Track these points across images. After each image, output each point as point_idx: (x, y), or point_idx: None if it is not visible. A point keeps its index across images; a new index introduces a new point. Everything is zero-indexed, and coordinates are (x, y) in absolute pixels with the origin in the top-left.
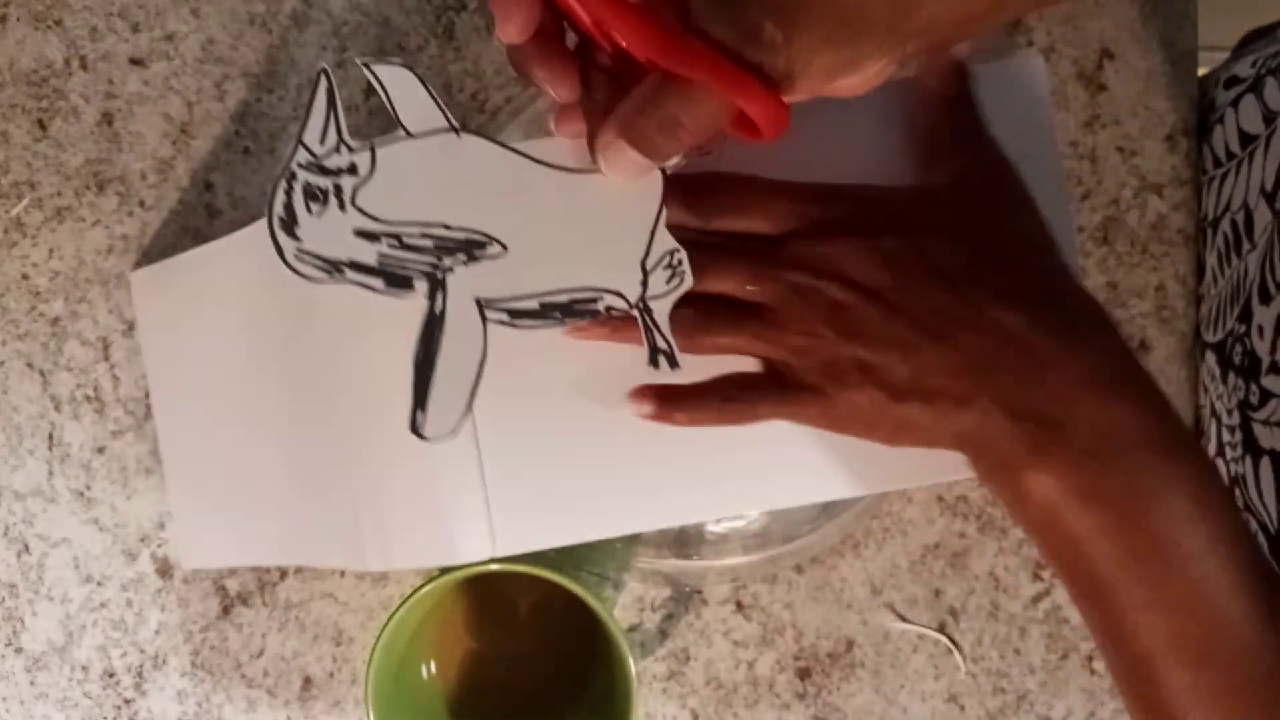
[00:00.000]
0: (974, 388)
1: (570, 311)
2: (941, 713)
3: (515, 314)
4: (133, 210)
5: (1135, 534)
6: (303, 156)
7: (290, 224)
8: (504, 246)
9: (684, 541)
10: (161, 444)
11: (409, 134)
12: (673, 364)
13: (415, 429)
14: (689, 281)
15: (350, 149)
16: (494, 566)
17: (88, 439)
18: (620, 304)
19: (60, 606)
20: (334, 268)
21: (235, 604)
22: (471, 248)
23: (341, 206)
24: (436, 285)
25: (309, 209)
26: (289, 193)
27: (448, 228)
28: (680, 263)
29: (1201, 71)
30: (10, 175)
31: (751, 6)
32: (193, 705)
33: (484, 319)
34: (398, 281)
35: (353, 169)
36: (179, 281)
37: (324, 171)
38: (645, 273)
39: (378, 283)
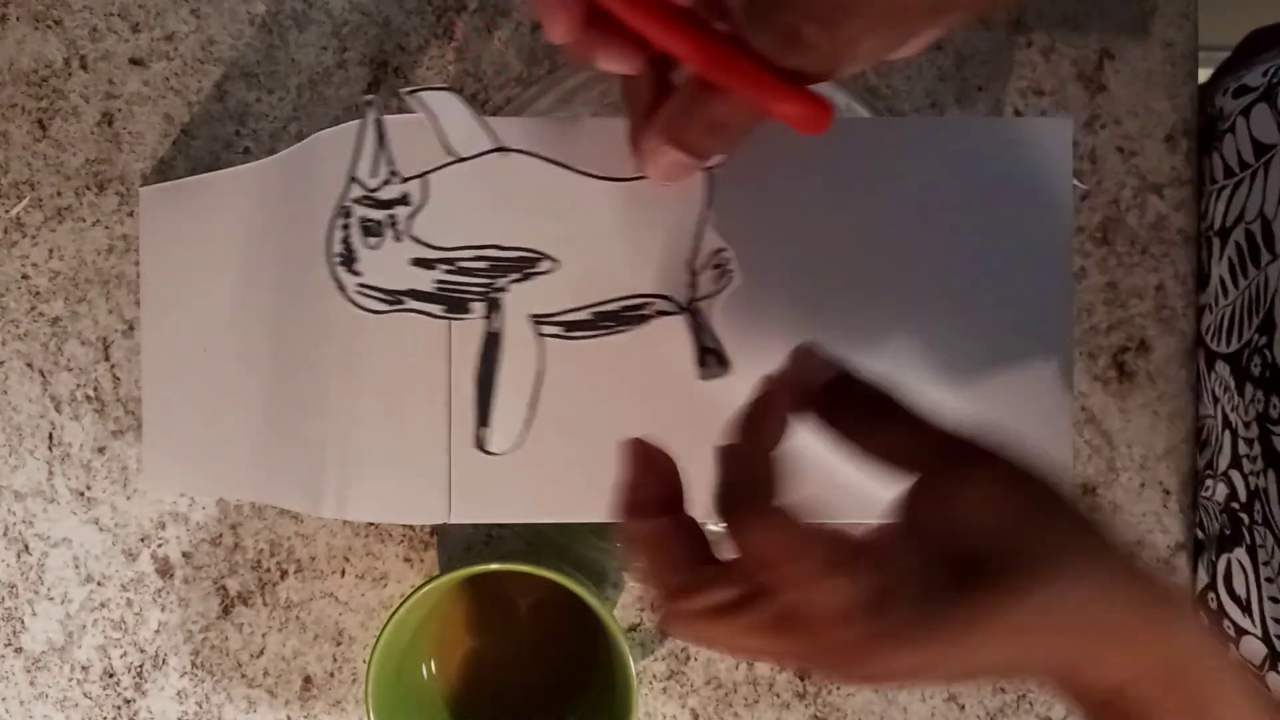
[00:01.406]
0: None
1: (622, 319)
2: (941, 712)
3: (570, 326)
4: (133, 210)
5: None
6: (356, 191)
7: (349, 260)
8: (556, 261)
9: None
10: (144, 363)
11: (458, 158)
12: (722, 363)
13: (480, 445)
14: (737, 280)
15: (402, 179)
16: (494, 566)
17: (88, 439)
18: (670, 308)
19: (60, 606)
20: (395, 298)
21: (235, 604)
22: (524, 265)
23: (397, 237)
24: (493, 305)
25: (366, 244)
26: (345, 229)
27: (500, 248)
28: (727, 260)
29: (1202, 72)
30: (10, 175)
31: (787, 10)
32: (193, 705)
33: (540, 334)
34: (455, 305)
35: (405, 199)
36: (187, 203)
37: (378, 205)
38: (693, 274)
39: (437, 309)
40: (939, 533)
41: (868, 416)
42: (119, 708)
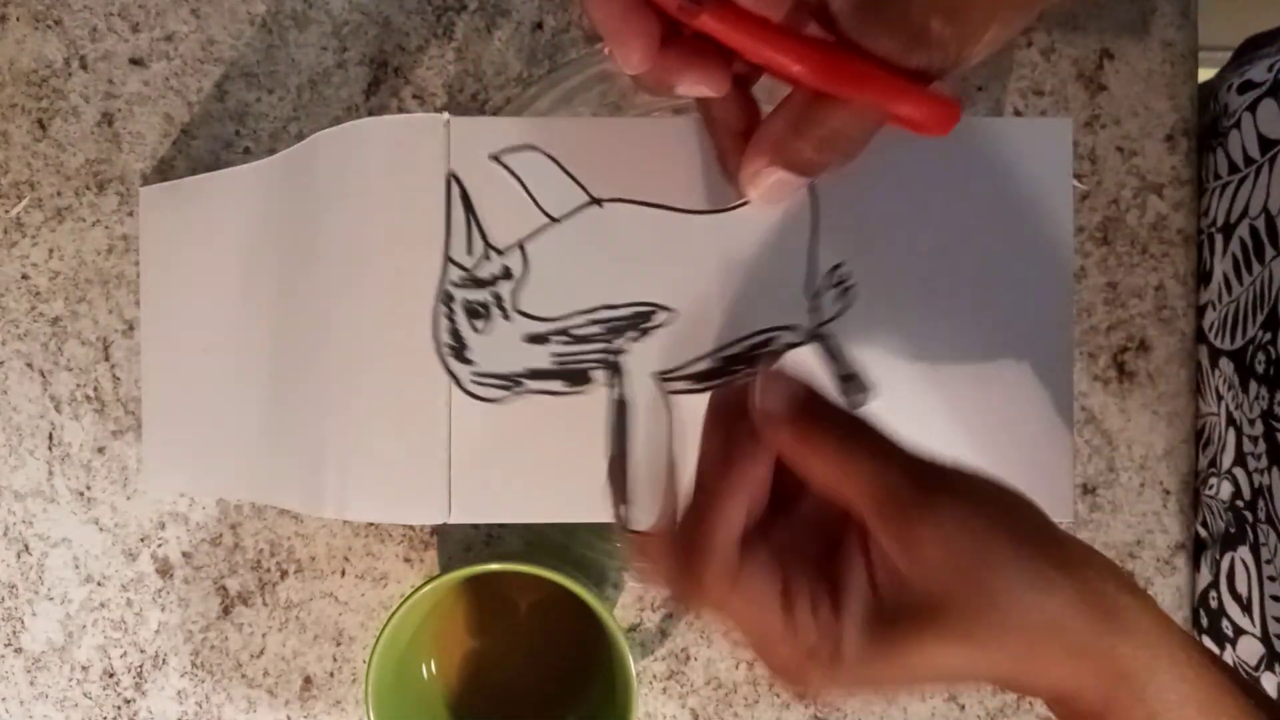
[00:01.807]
0: None
1: (751, 360)
2: (941, 712)
3: (699, 377)
4: (133, 210)
5: None
6: (455, 274)
7: (460, 349)
8: (671, 310)
9: None
10: (144, 363)
11: (553, 219)
12: (863, 388)
13: (624, 524)
14: (859, 296)
15: (499, 252)
16: (494, 566)
17: (88, 439)
18: (796, 338)
19: (60, 606)
20: (513, 382)
21: (235, 604)
22: (639, 320)
23: (505, 315)
24: (614, 370)
25: (474, 328)
26: (450, 316)
27: (611, 306)
28: (848, 276)
29: (1202, 72)
30: (10, 175)
31: (913, 5)
32: (193, 705)
33: (668, 393)
34: (577, 379)
35: (507, 273)
36: (187, 203)
37: (479, 284)
38: (814, 298)
39: (558, 385)
40: (891, 568)
41: (835, 443)
42: (119, 708)
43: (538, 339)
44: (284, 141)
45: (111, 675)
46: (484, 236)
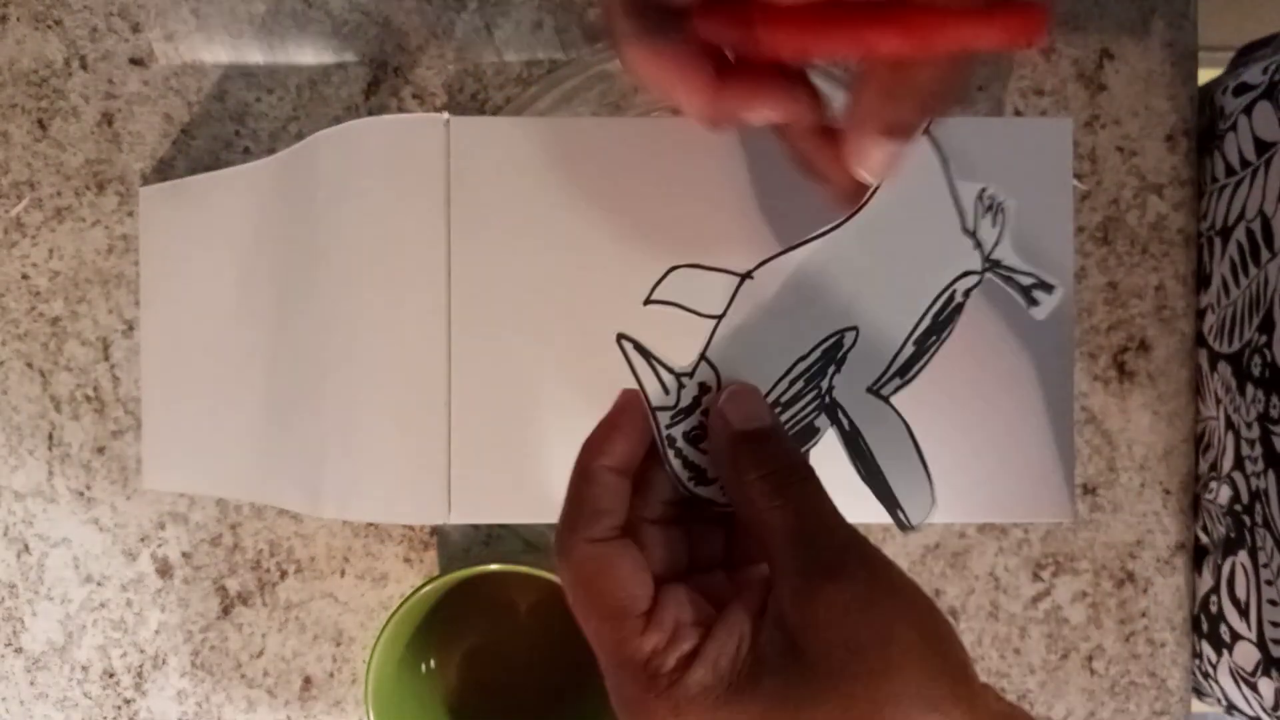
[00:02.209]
0: None
1: (942, 325)
2: None
3: (903, 371)
4: (133, 210)
5: None
6: (664, 419)
7: (701, 475)
8: (853, 329)
9: None
10: (144, 363)
11: (718, 317)
12: (1048, 287)
13: (904, 526)
14: (1012, 208)
15: (689, 375)
16: (494, 566)
17: (88, 439)
18: (972, 280)
19: (60, 606)
20: None
21: (235, 604)
22: (832, 354)
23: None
24: (833, 410)
25: (701, 450)
26: (680, 455)
27: (803, 358)
28: (995, 195)
29: (1202, 73)
30: (10, 175)
31: None
32: (193, 705)
33: (884, 399)
34: (806, 436)
35: (704, 389)
36: (187, 203)
37: (688, 412)
38: (973, 234)
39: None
40: (795, 615)
41: (773, 479)
42: (119, 708)
43: None
44: (284, 141)
45: (111, 675)
46: (670, 370)
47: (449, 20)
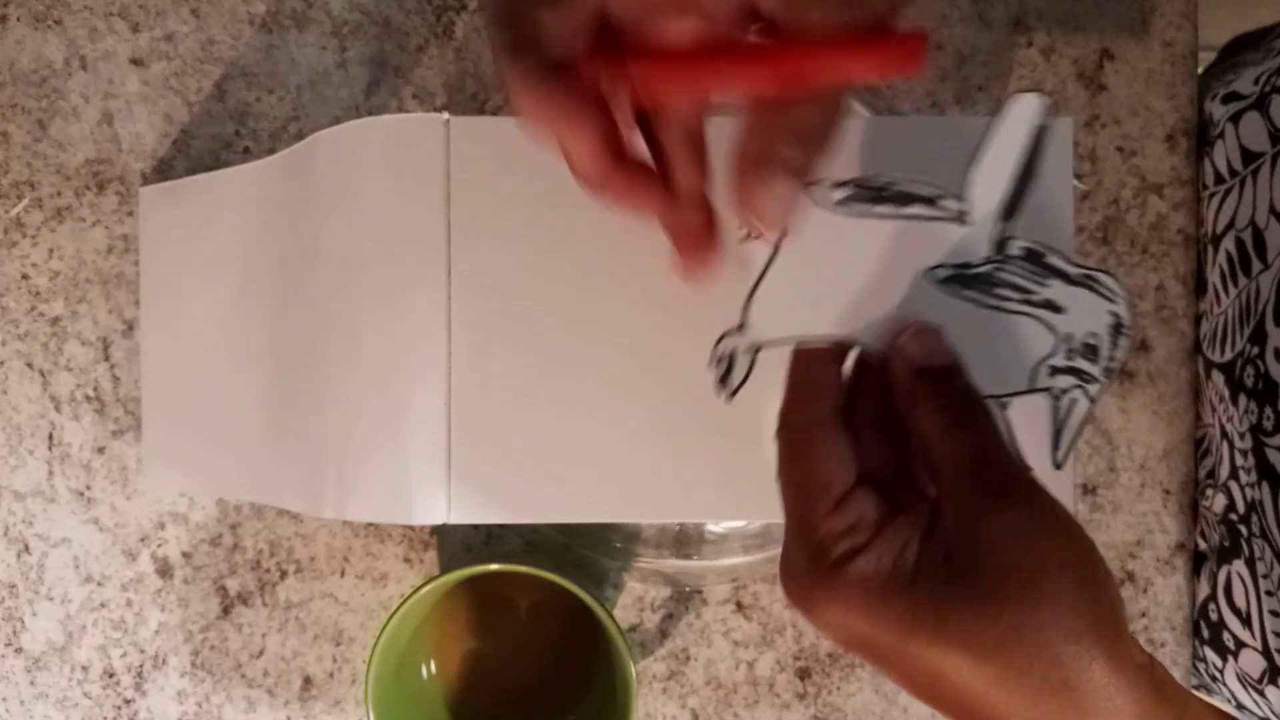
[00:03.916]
0: None
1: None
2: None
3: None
4: (133, 210)
5: None
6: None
7: None
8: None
9: (684, 541)
10: (144, 363)
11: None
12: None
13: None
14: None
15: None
16: (494, 566)
17: (88, 439)
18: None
19: (60, 606)
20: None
21: (235, 604)
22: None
23: None
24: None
25: None
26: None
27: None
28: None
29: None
30: (10, 175)
31: None
32: (193, 705)
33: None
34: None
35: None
36: (187, 203)
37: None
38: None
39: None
40: (958, 534)
41: (950, 410)
42: (119, 708)
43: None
44: (284, 141)
45: (111, 675)
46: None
47: (449, 20)
